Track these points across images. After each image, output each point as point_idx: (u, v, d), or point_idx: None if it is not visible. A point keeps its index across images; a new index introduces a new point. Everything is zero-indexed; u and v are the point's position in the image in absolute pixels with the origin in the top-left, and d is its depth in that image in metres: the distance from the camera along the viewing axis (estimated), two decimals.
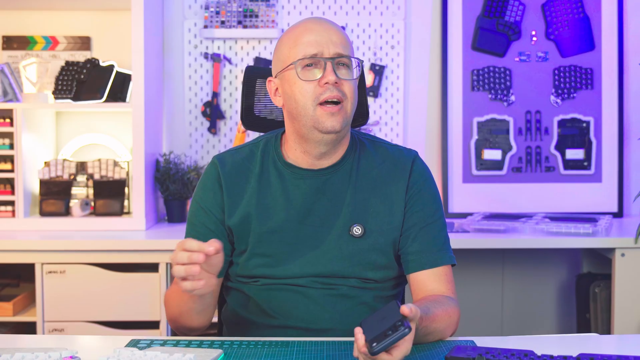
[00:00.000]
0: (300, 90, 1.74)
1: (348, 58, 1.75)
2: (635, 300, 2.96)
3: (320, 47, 1.73)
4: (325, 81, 1.71)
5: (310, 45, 1.73)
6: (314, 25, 1.76)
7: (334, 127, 1.72)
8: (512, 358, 1.41)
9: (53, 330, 2.93)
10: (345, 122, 1.74)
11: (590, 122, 3.54)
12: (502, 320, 3.62)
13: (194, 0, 3.53)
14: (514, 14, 3.55)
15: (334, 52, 1.73)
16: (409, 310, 1.43)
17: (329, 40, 1.74)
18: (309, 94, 1.73)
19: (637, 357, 1.42)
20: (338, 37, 1.75)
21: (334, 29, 1.77)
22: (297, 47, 1.74)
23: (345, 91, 1.74)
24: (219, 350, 1.58)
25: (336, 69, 1.73)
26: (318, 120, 1.73)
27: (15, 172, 3.18)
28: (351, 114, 1.76)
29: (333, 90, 1.72)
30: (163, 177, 3.35)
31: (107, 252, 2.94)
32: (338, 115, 1.72)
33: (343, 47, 1.75)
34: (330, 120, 1.72)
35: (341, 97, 1.73)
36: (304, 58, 1.73)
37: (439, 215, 1.85)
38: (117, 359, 1.43)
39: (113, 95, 3.29)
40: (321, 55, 1.73)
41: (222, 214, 1.82)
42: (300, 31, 1.76)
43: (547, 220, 3.18)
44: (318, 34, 1.74)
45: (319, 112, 1.72)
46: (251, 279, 1.83)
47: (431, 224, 1.82)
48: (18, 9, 3.51)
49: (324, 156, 1.80)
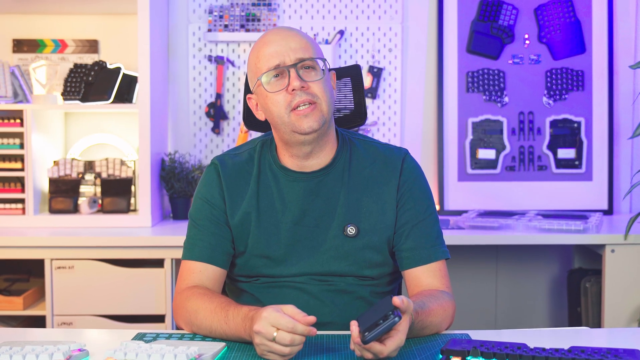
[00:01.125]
0: (272, 101, 1.74)
1: (311, 60, 1.73)
2: (624, 295, 2.96)
3: (280, 57, 1.72)
4: (292, 88, 1.71)
5: (272, 57, 1.73)
6: (272, 37, 1.76)
7: (311, 126, 1.72)
8: (505, 351, 1.41)
9: (62, 324, 2.93)
10: (322, 120, 1.73)
11: (581, 122, 3.54)
12: (495, 314, 3.62)
13: (198, 5, 3.53)
14: (508, 18, 3.54)
15: (294, 58, 1.72)
16: (401, 302, 1.44)
17: (288, 48, 1.73)
18: (280, 103, 1.73)
19: (627, 350, 1.42)
20: (297, 43, 1.74)
21: (292, 36, 1.75)
22: (260, 62, 1.75)
23: (315, 92, 1.72)
24: (222, 344, 1.58)
25: (302, 73, 1.72)
26: (295, 125, 1.72)
27: (26, 170, 3.18)
28: (328, 111, 1.75)
29: (302, 95, 1.71)
30: (168, 175, 3.35)
31: (114, 248, 2.94)
32: (312, 115, 1.71)
33: (304, 50, 1.73)
34: (306, 122, 1.71)
35: (311, 99, 1.71)
36: (268, 71, 1.73)
37: (430, 211, 1.84)
38: (124, 352, 1.43)
39: (120, 97, 3.29)
40: (283, 64, 1.72)
41: (226, 210, 1.82)
42: (261, 45, 1.76)
43: (540, 218, 3.18)
44: (277, 44, 1.74)
45: (293, 117, 1.72)
46: (251, 277, 1.83)
47: (423, 221, 1.82)
48: (28, 13, 3.51)
49: (311, 157, 1.80)
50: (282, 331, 1.45)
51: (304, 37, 1.77)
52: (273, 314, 1.46)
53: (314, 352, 1.54)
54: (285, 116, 1.72)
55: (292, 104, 1.71)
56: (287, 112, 1.72)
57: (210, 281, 1.78)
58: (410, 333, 1.59)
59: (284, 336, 1.45)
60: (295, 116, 1.71)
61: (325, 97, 1.74)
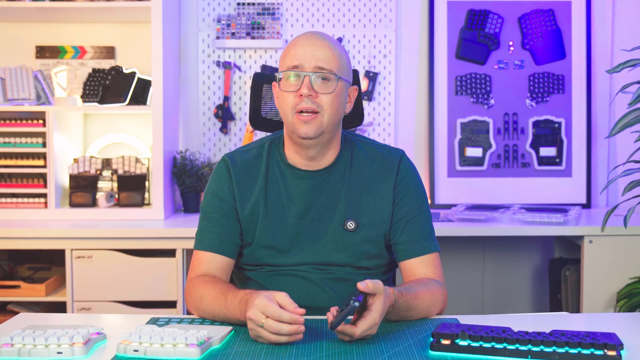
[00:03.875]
0: (283, 98, 1.73)
1: (329, 72, 1.70)
2: (601, 283, 2.96)
3: (302, 60, 1.70)
4: (300, 93, 1.69)
5: (295, 57, 1.71)
6: (304, 40, 1.73)
7: (306, 133, 1.70)
8: (491, 334, 1.41)
9: (81, 309, 2.93)
10: (319, 131, 1.71)
11: (562, 123, 3.53)
12: (482, 301, 3.62)
13: (207, 14, 3.53)
14: (494, 26, 3.54)
15: (314, 66, 1.69)
16: (365, 286, 1.46)
17: (312, 55, 1.70)
18: (288, 103, 1.72)
19: (604, 333, 1.42)
20: (323, 53, 1.70)
21: (321, 45, 1.72)
22: (285, 59, 1.74)
23: (321, 103, 1.70)
24: (229, 327, 1.58)
25: (316, 81, 1.70)
26: (295, 127, 1.72)
27: (47, 167, 3.17)
28: (328, 124, 1.72)
29: (307, 102, 1.69)
30: (179, 172, 3.35)
31: (129, 239, 2.94)
32: (311, 123, 1.70)
33: (326, 62, 1.70)
34: (304, 127, 1.70)
35: (315, 108, 1.69)
36: (287, 70, 1.72)
37: (424, 208, 1.85)
38: (138, 335, 1.43)
39: (135, 99, 3.29)
40: (302, 68, 1.70)
41: (235, 204, 1.81)
42: (292, 44, 1.75)
43: (523, 211, 3.18)
44: (304, 48, 1.71)
45: (295, 119, 1.71)
46: (257, 266, 1.83)
47: (417, 216, 1.82)
48: (50, 22, 3.50)
49: (314, 158, 1.79)
50: (270, 319, 1.45)
51: (333, 49, 1.72)
52: (263, 301, 1.46)
53: (313, 335, 1.54)
54: (290, 116, 1.72)
55: (298, 107, 1.70)
56: (292, 113, 1.71)
57: (219, 270, 1.78)
58: (398, 314, 1.60)
59: (271, 324, 1.45)
60: (297, 119, 1.71)
61: (330, 110, 1.71)
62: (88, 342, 1.44)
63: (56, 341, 1.41)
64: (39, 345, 1.40)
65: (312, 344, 1.49)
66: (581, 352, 1.35)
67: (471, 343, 1.41)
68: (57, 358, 1.40)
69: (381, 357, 1.40)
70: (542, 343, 1.38)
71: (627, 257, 2.95)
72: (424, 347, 1.46)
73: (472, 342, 1.41)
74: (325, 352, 1.44)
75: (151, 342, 1.41)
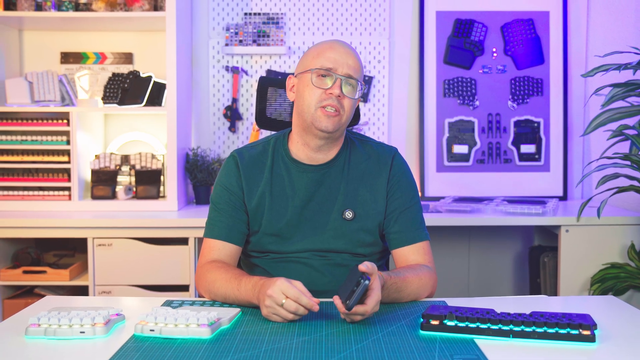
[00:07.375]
0: (310, 92, 1.73)
1: (356, 81, 1.74)
2: (576, 268, 2.96)
3: (336, 64, 1.72)
4: (331, 92, 1.71)
5: (329, 60, 1.73)
6: (339, 47, 1.76)
7: (327, 127, 1.72)
8: (476, 315, 1.41)
9: (102, 292, 2.93)
10: (337, 127, 1.74)
11: (541, 122, 3.52)
12: (468, 285, 3.62)
13: (217, 23, 3.52)
14: (478, 34, 3.53)
15: (346, 72, 1.73)
16: (366, 267, 1.47)
17: (345, 62, 1.73)
18: (314, 97, 1.72)
19: (579, 314, 1.42)
20: (353, 62, 1.74)
21: (352, 55, 1.76)
22: (319, 58, 1.74)
23: (344, 105, 1.73)
24: (237, 309, 1.58)
25: (344, 86, 1.73)
26: (317, 119, 1.72)
27: (71, 163, 3.17)
28: (345, 123, 1.76)
29: (334, 101, 1.71)
30: (192, 167, 3.34)
31: (146, 229, 2.94)
32: (333, 119, 1.72)
33: (354, 71, 1.74)
34: (325, 121, 1.72)
35: (339, 108, 1.72)
36: (320, 68, 1.72)
37: (415, 200, 1.85)
38: (154, 316, 1.43)
39: (151, 101, 3.28)
40: (335, 71, 1.72)
41: (243, 196, 1.81)
42: (326, 47, 1.76)
43: (505, 203, 3.17)
44: (339, 54, 1.74)
45: (319, 113, 1.72)
46: (262, 253, 1.83)
47: (409, 208, 1.83)
48: (74, 30, 3.49)
49: (320, 150, 1.80)
50: (290, 300, 1.46)
51: (359, 61, 1.77)
52: (285, 283, 1.48)
53: (313, 316, 1.54)
54: (313, 108, 1.72)
55: (323, 102, 1.71)
56: (316, 106, 1.72)
57: (227, 256, 1.78)
58: (388, 296, 1.61)
59: (290, 304, 1.46)
60: (321, 113, 1.72)
61: (348, 112, 1.75)
62: (108, 323, 1.44)
63: (79, 322, 1.41)
64: (63, 325, 1.40)
65: (312, 322, 1.49)
66: (558, 331, 1.35)
67: (458, 323, 1.40)
68: (80, 337, 1.40)
69: (375, 336, 1.40)
70: (523, 323, 1.37)
71: (600, 245, 2.95)
72: (414, 327, 1.46)
73: (458, 323, 1.40)
74: (324, 331, 1.44)
75: (166, 322, 1.41)
